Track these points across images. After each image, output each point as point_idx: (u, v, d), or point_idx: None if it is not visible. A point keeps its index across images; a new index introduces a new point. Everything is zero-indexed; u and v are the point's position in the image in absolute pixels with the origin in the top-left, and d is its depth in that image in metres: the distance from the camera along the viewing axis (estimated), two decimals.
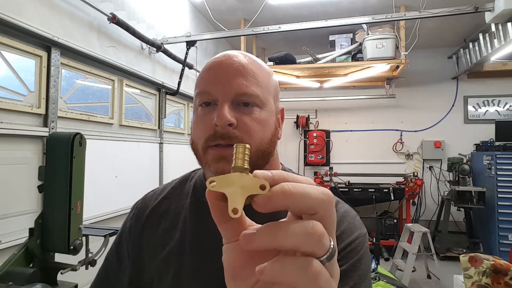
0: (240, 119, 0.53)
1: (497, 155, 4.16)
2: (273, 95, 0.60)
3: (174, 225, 0.62)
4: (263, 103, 0.56)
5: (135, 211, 0.68)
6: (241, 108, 0.54)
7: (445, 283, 3.43)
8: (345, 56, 4.22)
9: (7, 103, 1.73)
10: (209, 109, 0.55)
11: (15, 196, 1.76)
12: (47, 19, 1.94)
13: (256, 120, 0.54)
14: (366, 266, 0.55)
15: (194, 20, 3.97)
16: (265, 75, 0.58)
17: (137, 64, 2.84)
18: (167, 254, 0.60)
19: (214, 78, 0.55)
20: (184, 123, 3.92)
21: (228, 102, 0.53)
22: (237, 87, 0.53)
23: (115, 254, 0.67)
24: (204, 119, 0.55)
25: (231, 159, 0.50)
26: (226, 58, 0.56)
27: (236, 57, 0.56)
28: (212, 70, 0.56)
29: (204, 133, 0.54)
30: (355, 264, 0.53)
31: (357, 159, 5.47)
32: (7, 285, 1.21)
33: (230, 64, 0.55)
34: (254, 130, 0.54)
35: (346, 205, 0.63)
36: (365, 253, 0.56)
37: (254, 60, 0.58)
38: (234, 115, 0.53)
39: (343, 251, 0.54)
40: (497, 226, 4.02)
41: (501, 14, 2.65)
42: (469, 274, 1.83)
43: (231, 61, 0.55)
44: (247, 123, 0.54)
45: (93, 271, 1.52)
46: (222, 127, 0.52)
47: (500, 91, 5.07)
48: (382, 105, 5.38)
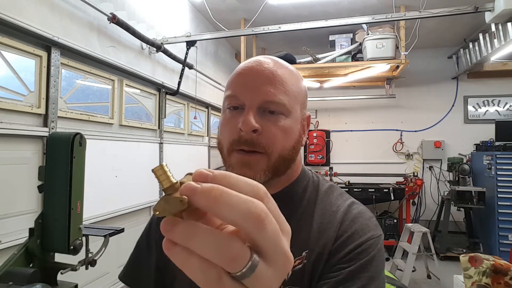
0: (265, 126, 0.55)
1: (497, 155, 4.16)
2: (301, 103, 0.61)
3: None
4: (289, 111, 0.57)
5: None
6: (267, 115, 0.55)
7: (445, 283, 3.43)
8: (345, 56, 4.22)
9: (7, 103, 1.73)
10: (236, 113, 0.56)
11: (15, 196, 1.76)
12: (47, 19, 1.94)
13: (281, 128, 0.56)
14: (378, 269, 0.54)
15: (194, 20, 3.97)
16: (294, 83, 0.59)
17: (137, 64, 2.84)
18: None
19: (244, 83, 0.56)
20: (184, 123, 3.92)
21: (254, 108, 0.55)
22: (264, 94, 0.55)
23: (145, 241, 0.70)
24: (230, 122, 0.56)
25: (253, 166, 0.51)
26: (257, 64, 0.57)
27: (267, 63, 0.57)
28: (242, 75, 0.57)
29: (229, 136, 0.56)
30: (364, 265, 0.53)
31: (357, 159, 5.47)
32: (7, 285, 1.21)
33: (260, 71, 0.56)
34: (278, 138, 0.55)
35: (362, 206, 0.63)
36: (377, 255, 0.55)
37: (284, 67, 0.59)
38: (260, 121, 0.54)
39: (353, 252, 0.54)
40: (497, 226, 4.02)
41: (501, 14, 2.65)
42: (469, 274, 1.83)
43: (262, 68, 0.56)
44: (271, 131, 0.55)
45: (93, 271, 1.52)
46: (247, 132, 0.53)
47: (500, 91, 5.07)
48: (382, 105, 5.38)
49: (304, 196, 0.64)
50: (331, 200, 0.63)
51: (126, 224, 2.48)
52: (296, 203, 0.62)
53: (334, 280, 0.52)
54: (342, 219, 0.59)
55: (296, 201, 0.63)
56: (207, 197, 0.21)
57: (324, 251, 0.56)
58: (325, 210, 0.61)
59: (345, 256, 0.54)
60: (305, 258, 0.56)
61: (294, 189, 0.64)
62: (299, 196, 0.63)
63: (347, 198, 0.64)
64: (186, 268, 0.22)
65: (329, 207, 0.61)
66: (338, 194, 0.65)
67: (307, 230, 0.59)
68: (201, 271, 0.22)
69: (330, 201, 0.63)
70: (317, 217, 0.60)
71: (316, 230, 0.58)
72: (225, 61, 5.09)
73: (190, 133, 3.98)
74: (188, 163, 3.81)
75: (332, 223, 0.58)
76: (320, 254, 0.56)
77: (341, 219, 0.59)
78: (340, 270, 0.53)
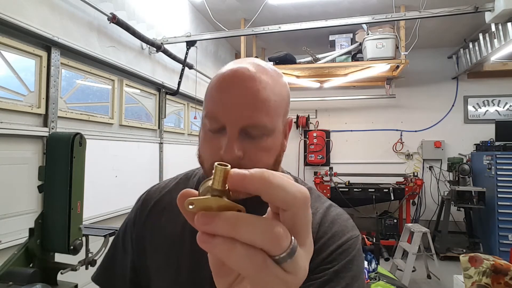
0: (247, 151, 0.53)
1: (497, 155, 4.16)
2: (283, 113, 0.58)
3: (176, 218, 0.65)
4: (271, 131, 0.55)
5: (140, 203, 0.71)
6: (248, 139, 0.54)
7: (445, 283, 3.43)
8: (345, 56, 4.22)
9: (7, 103, 1.73)
10: (217, 135, 0.54)
11: (15, 196, 1.76)
12: (47, 19, 1.94)
13: (263, 149, 0.55)
14: (359, 268, 0.56)
15: (194, 20, 3.97)
16: (278, 95, 0.55)
17: (137, 64, 2.84)
18: (169, 244, 0.63)
19: (223, 103, 0.53)
20: (184, 123, 3.92)
21: (236, 133, 0.52)
22: (247, 118, 0.52)
23: (120, 241, 0.70)
24: (212, 144, 0.55)
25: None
26: (236, 77, 0.53)
27: (250, 78, 0.52)
28: (221, 92, 0.53)
29: (211, 156, 0.55)
30: (346, 265, 0.54)
31: (357, 159, 5.47)
32: (7, 285, 1.21)
33: (241, 87, 0.52)
34: (261, 161, 0.55)
35: (339, 208, 0.64)
36: (357, 254, 0.57)
37: (268, 77, 0.54)
38: (242, 146, 0.53)
39: (334, 252, 0.55)
40: (497, 226, 4.02)
41: (501, 14, 2.66)
42: (469, 274, 1.83)
43: (244, 84, 0.52)
44: (255, 155, 0.54)
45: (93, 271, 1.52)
46: (229, 160, 0.52)
47: (500, 91, 5.08)
48: (382, 105, 5.38)
49: None
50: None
51: None
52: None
53: (320, 281, 0.53)
54: (321, 221, 0.59)
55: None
56: (261, 179, 0.23)
57: None
58: None
59: (328, 257, 0.55)
60: None
61: None
62: None
63: (325, 201, 0.64)
64: (231, 257, 0.23)
65: None
66: (316, 196, 0.65)
67: None
68: (247, 257, 0.23)
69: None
70: None
71: None
72: (225, 61, 5.09)
73: (190, 133, 3.98)
74: (188, 163, 3.81)
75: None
76: None
77: (319, 220, 0.59)
78: (324, 271, 0.54)
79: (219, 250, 0.23)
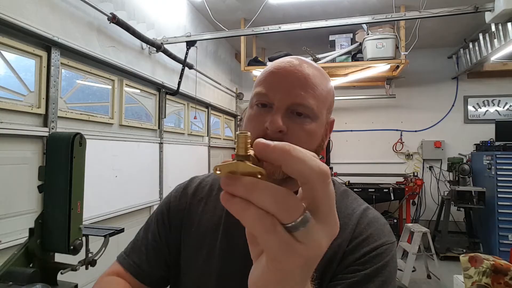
0: (290, 128, 0.55)
1: (497, 155, 4.16)
2: (327, 108, 0.62)
3: (214, 209, 0.69)
4: (316, 115, 0.58)
5: (181, 189, 0.75)
6: (294, 117, 0.56)
7: (445, 283, 3.42)
8: (345, 56, 4.22)
9: (7, 103, 1.73)
10: (264, 110, 0.57)
11: (15, 196, 1.76)
12: (47, 19, 1.94)
13: (306, 131, 0.57)
14: (391, 274, 0.56)
15: (194, 20, 3.97)
16: (324, 88, 0.60)
17: (137, 64, 2.84)
18: (203, 235, 0.67)
19: (275, 82, 0.57)
20: (184, 123, 3.92)
21: (282, 109, 0.55)
22: (294, 96, 0.55)
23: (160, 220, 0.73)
24: (257, 119, 0.57)
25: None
26: (290, 66, 0.58)
27: (301, 66, 0.58)
28: (274, 74, 0.58)
29: (254, 132, 0.57)
30: (378, 270, 0.54)
31: (357, 159, 5.47)
32: (7, 285, 1.21)
33: (293, 72, 0.57)
34: (302, 141, 0.56)
35: (377, 212, 0.64)
36: (391, 260, 0.56)
37: (317, 71, 0.60)
38: (286, 123, 0.55)
39: (368, 254, 0.55)
40: (497, 226, 4.02)
41: (501, 14, 2.65)
42: (469, 274, 1.83)
43: (295, 69, 0.57)
44: (297, 133, 0.56)
45: (93, 271, 1.52)
46: (273, 132, 0.54)
47: (500, 91, 5.07)
48: (382, 105, 5.38)
49: None
50: (346, 203, 0.64)
51: (126, 224, 2.48)
52: None
53: (349, 282, 0.53)
54: (358, 222, 0.60)
55: None
56: (282, 150, 0.24)
57: (339, 251, 0.57)
58: (340, 212, 0.63)
59: (360, 258, 0.55)
60: None
61: None
62: None
63: (362, 203, 0.65)
64: (244, 216, 0.25)
65: (344, 209, 0.63)
66: (353, 198, 0.66)
67: None
68: (258, 219, 0.24)
69: (345, 204, 0.64)
70: None
71: None
72: (225, 61, 5.09)
73: (190, 133, 3.98)
74: (188, 163, 3.81)
75: (347, 225, 0.60)
76: (334, 254, 0.57)
77: (356, 221, 0.60)
78: (355, 272, 0.54)
79: (235, 208, 0.25)
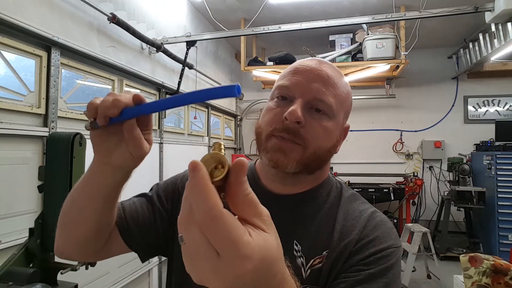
0: (308, 121, 0.57)
1: (497, 155, 4.16)
2: (345, 111, 0.64)
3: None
4: (334, 114, 0.60)
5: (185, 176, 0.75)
6: (313, 112, 0.58)
7: (445, 283, 3.43)
8: (345, 56, 4.22)
9: (7, 103, 1.73)
10: (284, 103, 0.59)
11: (15, 196, 1.76)
12: (47, 19, 1.94)
13: (323, 127, 0.58)
14: (395, 277, 0.56)
15: (194, 20, 3.96)
16: (344, 91, 0.63)
17: (137, 64, 2.84)
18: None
19: (299, 78, 0.60)
20: (184, 123, 3.92)
21: (303, 102, 0.57)
22: (315, 92, 0.58)
23: (161, 193, 0.75)
24: (276, 111, 0.59)
25: (288, 153, 0.58)
26: (315, 64, 0.61)
27: (325, 66, 0.61)
28: (299, 70, 0.61)
29: (272, 122, 0.58)
30: (382, 271, 0.54)
31: (357, 159, 5.46)
32: (7, 285, 1.21)
33: (316, 70, 0.60)
34: (318, 135, 0.58)
35: (384, 216, 0.65)
36: (395, 264, 0.57)
37: (339, 75, 0.63)
38: (305, 116, 0.56)
39: (373, 256, 0.56)
40: (497, 226, 4.02)
41: (501, 14, 2.65)
42: (469, 274, 1.83)
43: (319, 68, 0.60)
44: (314, 127, 0.57)
45: (93, 271, 1.52)
46: (291, 122, 0.55)
47: (500, 91, 5.07)
48: (382, 105, 5.38)
49: (327, 200, 0.66)
50: (354, 206, 0.65)
51: None
52: (319, 205, 0.64)
53: (352, 280, 0.53)
54: (366, 224, 0.61)
55: (319, 203, 0.65)
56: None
57: (345, 251, 0.58)
58: (348, 214, 0.63)
59: (365, 258, 0.56)
60: (325, 257, 0.58)
61: (319, 192, 0.66)
62: (323, 199, 0.65)
63: (370, 206, 0.66)
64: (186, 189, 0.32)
65: (352, 211, 0.64)
66: (361, 201, 0.68)
67: (328, 231, 0.61)
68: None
69: (353, 207, 0.65)
70: (339, 219, 0.62)
71: (338, 231, 0.60)
72: (225, 61, 5.09)
73: (190, 133, 3.98)
74: (188, 163, 3.80)
75: (355, 226, 0.60)
76: (340, 254, 0.58)
77: (364, 223, 0.61)
78: (359, 271, 0.54)
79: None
